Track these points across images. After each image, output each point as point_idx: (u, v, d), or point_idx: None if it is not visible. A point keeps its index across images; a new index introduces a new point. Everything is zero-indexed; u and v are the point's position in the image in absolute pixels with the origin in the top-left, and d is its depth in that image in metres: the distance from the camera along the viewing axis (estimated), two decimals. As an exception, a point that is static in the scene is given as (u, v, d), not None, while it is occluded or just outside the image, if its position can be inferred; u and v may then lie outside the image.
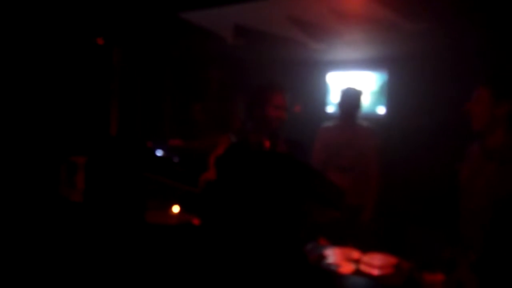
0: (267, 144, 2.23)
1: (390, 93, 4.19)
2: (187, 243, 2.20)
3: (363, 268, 1.85)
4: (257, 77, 4.13)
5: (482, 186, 1.77)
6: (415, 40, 3.39)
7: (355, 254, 1.99)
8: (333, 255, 1.99)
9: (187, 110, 4.53)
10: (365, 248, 2.07)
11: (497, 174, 1.73)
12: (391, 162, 3.44)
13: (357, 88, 3.12)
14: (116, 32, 3.27)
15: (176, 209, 2.66)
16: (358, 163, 3.00)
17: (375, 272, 1.81)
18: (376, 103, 4.29)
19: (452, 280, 1.67)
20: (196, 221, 2.46)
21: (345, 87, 3.14)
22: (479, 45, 3.43)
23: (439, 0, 2.38)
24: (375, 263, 1.86)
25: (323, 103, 4.56)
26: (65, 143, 2.97)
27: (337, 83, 4.42)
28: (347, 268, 1.86)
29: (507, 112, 1.71)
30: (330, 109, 4.50)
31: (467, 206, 1.88)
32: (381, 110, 4.24)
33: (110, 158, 2.01)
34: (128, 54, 3.51)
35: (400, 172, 3.73)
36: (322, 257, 1.99)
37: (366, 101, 4.42)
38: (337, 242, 2.18)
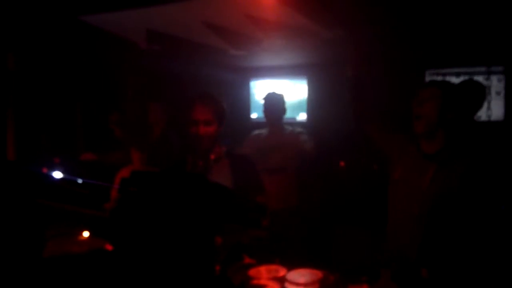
0: (200, 164, 2.04)
1: (311, 100, 4.24)
2: (100, 271, 1.95)
3: (289, 287, 1.77)
4: (176, 84, 3.94)
5: (424, 187, 1.75)
6: (331, 47, 3.45)
7: (281, 271, 1.91)
8: (258, 275, 1.88)
9: (103, 120, 4.17)
10: (292, 261, 1.99)
11: (439, 175, 1.73)
12: (317, 166, 3.46)
13: (279, 92, 3.14)
14: (10, 36, 2.87)
15: (86, 234, 2.39)
16: (285, 166, 3.00)
17: (301, 290, 1.74)
18: (297, 110, 4.32)
19: (376, 292, 1.65)
20: (109, 247, 2.21)
21: (266, 93, 3.15)
22: (391, 52, 3.58)
23: (351, 8, 2.41)
24: (300, 281, 1.78)
25: (247, 110, 4.50)
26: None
27: (260, 91, 4.39)
28: (273, 288, 1.76)
29: (455, 116, 1.72)
30: (254, 115, 4.46)
31: (400, 207, 1.85)
32: (302, 116, 4.27)
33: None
34: (25, 61, 3.10)
35: (327, 177, 3.78)
36: (248, 278, 1.88)
37: (288, 109, 4.45)
38: (263, 259, 2.08)
